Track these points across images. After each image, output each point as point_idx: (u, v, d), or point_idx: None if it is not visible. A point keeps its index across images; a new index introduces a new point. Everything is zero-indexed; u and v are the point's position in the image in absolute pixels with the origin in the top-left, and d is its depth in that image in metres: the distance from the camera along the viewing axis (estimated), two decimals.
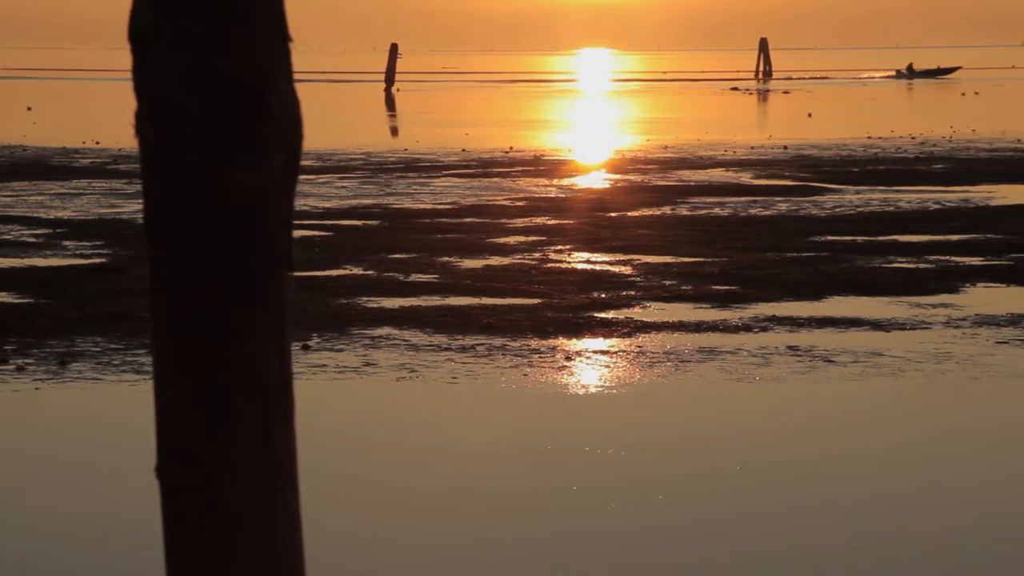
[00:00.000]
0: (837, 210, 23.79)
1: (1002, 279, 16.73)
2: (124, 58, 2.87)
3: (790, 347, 13.09)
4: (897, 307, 15.06)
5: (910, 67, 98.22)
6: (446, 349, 13.16)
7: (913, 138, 41.11)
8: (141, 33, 2.74)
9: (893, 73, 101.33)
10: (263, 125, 2.73)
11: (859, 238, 20.21)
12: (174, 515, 2.79)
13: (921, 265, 17.74)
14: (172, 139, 2.73)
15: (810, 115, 54.83)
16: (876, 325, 14.10)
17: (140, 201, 2.80)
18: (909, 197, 25.50)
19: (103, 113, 57.94)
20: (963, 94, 73.43)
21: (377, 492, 9.14)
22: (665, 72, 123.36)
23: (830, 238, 20.23)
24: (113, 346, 13.22)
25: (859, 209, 23.90)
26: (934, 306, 15.08)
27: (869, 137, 41.75)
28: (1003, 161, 33.04)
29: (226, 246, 2.73)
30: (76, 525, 8.57)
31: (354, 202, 25.75)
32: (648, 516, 8.67)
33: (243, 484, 2.76)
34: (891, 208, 23.98)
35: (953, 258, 18.27)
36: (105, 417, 11.08)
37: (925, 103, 65.66)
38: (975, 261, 18.00)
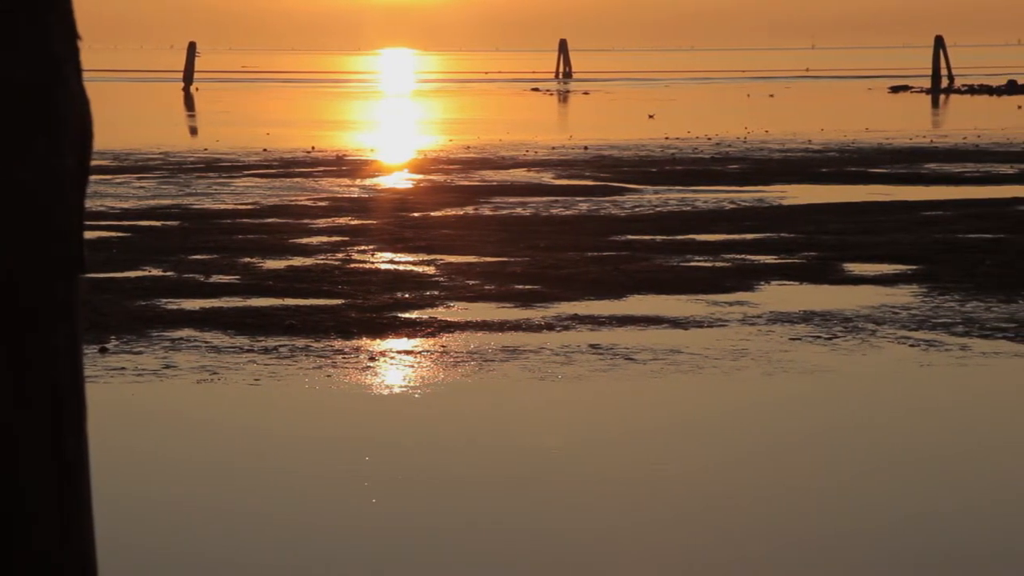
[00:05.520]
0: (636, 210, 24.15)
1: (795, 277, 17.16)
2: None
3: (592, 345, 13.25)
4: (695, 305, 15.35)
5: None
6: (248, 351, 13.03)
7: (709, 139, 41.92)
8: None
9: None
10: (50, 124, 2.67)
11: (658, 237, 20.54)
12: None
13: (718, 264, 18.11)
14: None
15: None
16: (675, 323, 14.35)
17: None
18: (706, 197, 26.00)
19: None
20: (748, 95, 75.21)
21: (177, 491, 9.01)
22: (468, 72, 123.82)
23: (630, 237, 20.52)
24: None
25: (658, 209, 24.29)
26: (731, 304, 15.41)
27: (667, 137, 42.46)
28: (795, 161, 33.90)
29: (13, 247, 2.67)
30: None
31: (153, 202, 25.34)
32: (453, 516, 8.69)
33: (32, 491, 2.70)
34: (688, 208, 24.42)
35: (748, 257, 18.68)
36: None
37: (721, 104, 66.99)
38: (769, 259, 18.43)
